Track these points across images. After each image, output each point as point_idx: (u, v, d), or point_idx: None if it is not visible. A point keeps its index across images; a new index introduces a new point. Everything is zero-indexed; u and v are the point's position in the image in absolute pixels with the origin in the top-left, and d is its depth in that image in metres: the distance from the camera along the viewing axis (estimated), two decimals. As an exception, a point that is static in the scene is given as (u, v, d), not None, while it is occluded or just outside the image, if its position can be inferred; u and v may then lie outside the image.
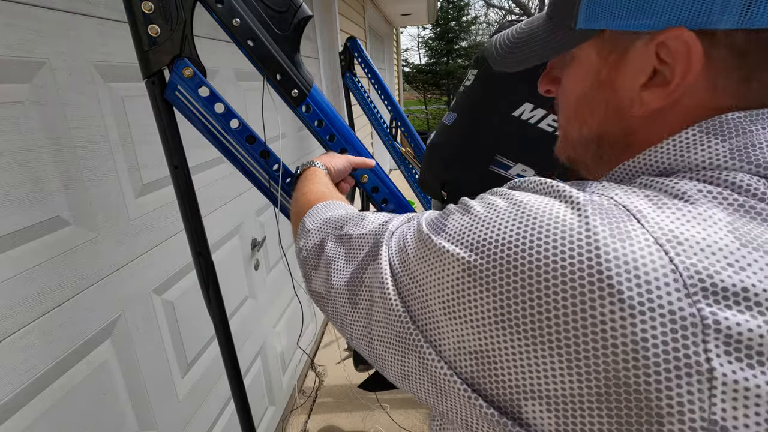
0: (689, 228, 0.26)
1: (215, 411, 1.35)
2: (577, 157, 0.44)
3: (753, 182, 0.29)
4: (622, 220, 0.27)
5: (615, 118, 0.38)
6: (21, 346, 0.72)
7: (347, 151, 0.84)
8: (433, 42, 16.26)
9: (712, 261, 0.24)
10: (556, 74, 0.44)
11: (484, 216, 0.32)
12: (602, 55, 0.37)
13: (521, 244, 0.28)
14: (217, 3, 0.67)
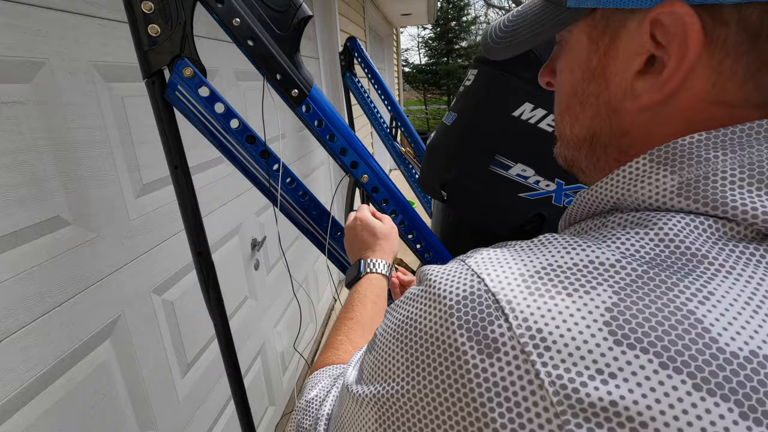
0: (562, 322, 0.23)
1: (215, 411, 1.35)
2: (573, 159, 0.39)
3: (684, 230, 0.25)
4: (489, 323, 0.24)
5: (607, 115, 0.33)
6: (21, 346, 0.72)
7: (347, 151, 0.84)
8: (433, 42, 16.27)
9: (580, 368, 0.21)
10: (555, 65, 0.39)
11: (378, 345, 0.31)
12: (593, 39, 0.32)
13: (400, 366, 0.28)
14: (217, 3, 0.67)
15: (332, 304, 3.05)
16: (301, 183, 0.84)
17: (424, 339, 0.27)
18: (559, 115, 0.39)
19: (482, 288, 0.26)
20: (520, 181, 1.14)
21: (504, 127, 1.12)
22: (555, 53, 0.40)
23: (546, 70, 0.41)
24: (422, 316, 0.28)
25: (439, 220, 1.48)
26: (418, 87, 17.01)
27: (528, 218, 1.18)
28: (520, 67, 1.10)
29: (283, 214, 0.85)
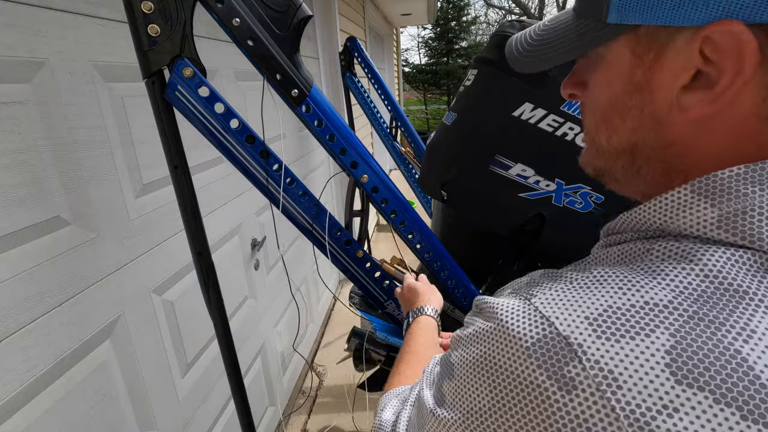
0: (629, 364, 0.26)
1: (215, 411, 1.35)
2: (606, 169, 0.40)
3: (726, 265, 0.27)
4: (565, 363, 0.28)
5: (651, 127, 0.34)
6: (21, 346, 0.72)
7: (347, 151, 0.84)
8: (433, 42, 16.26)
9: (649, 404, 0.25)
10: (582, 77, 0.40)
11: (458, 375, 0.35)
12: (637, 54, 0.33)
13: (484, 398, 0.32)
14: (217, 3, 0.67)
15: (332, 304, 3.05)
16: (300, 183, 0.84)
17: (506, 376, 0.31)
18: (593, 127, 0.39)
19: (554, 332, 0.29)
20: (520, 181, 1.14)
21: (504, 127, 1.12)
22: (580, 67, 0.41)
23: (570, 83, 0.42)
24: (502, 355, 0.31)
25: (439, 220, 1.48)
26: (418, 87, 17.01)
27: (528, 218, 1.18)
28: (520, 67, 1.10)
29: (283, 214, 0.85)
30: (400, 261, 1.12)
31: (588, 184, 1.16)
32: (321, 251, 0.90)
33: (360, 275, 0.96)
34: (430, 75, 16.31)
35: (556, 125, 1.10)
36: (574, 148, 1.11)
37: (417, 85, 16.92)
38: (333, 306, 3.04)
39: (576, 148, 1.11)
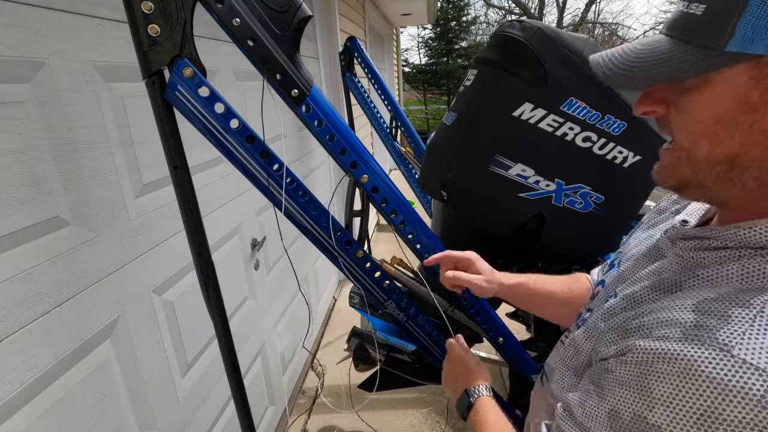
0: None
1: (215, 411, 1.35)
2: (695, 178, 0.44)
3: None
4: None
5: (761, 142, 0.38)
6: (21, 346, 0.72)
7: (347, 151, 0.84)
8: (433, 42, 16.26)
9: None
10: (663, 96, 0.44)
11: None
12: (756, 78, 0.36)
13: None
14: (217, 3, 0.67)
15: (332, 304, 3.05)
16: (301, 183, 0.84)
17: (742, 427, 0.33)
18: (688, 140, 0.43)
19: None
20: (520, 181, 1.14)
21: (504, 127, 1.12)
22: (661, 86, 0.45)
23: (649, 101, 0.46)
24: (731, 409, 0.34)
25: (439, 220, 1.48)
26: (418, 87, 17.00)
27: (528, 218, 1.18)
28: (521, 68, 1.10)
29: (283, 214, 0.85)
30: (400, 261, 1.12)
31: (588, 184, 1.16)
32: (321, 251, 0.90)
33: (360, 275, 0.96)
34: (430, 75, 16.31)
35: (556, 125, 1.10)
36: (574, 148, 1.12)
37: (417, 85, 16.92)
38: (333, 306, 3.04)
39: (576, 148, 1.11)
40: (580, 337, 0.57)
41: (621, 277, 0.61)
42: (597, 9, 32.66)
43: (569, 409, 0.50)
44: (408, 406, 2.09)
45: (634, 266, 0.59)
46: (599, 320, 0.55)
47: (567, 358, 0.60)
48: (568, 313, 0.86)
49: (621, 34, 22.31)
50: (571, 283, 0.88)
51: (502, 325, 1.19)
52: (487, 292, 0.89)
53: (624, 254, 0.67)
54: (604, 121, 1.10)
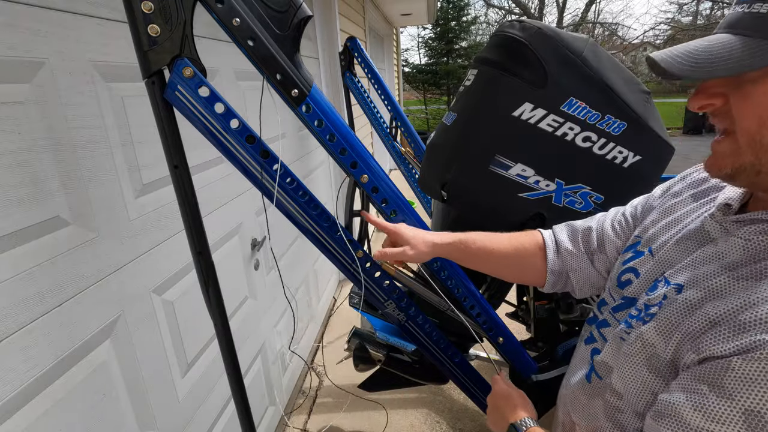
0: None
1: (215, 411, 1.35)
2: (756, 163, 0.48)
3: None
4: None
5: None
6: (21, 346, 0.72)
7: (347, 151, 0.84)
8: (433, 42, 16.25)
9: None
10: (720, 90, 0.49)
11: None
12: None
13: None
14: (217, 3, 0.67)
15: (332, 304, 3.05)
16: (301, 183, 0.84)
17: None
18: (754, 127, 0.47)
19: None
20: (520, 181, 1.14)
21: (504, 126, 1.12)
22: (717, 81, 0.49)
23: (706, 95, 0.50)
24: None
25: (439, 220, 1.48)
26: (418, 87, 16.99)
27: (528, 218, 1.18)
28: (521, 68, 1.10)
29: (283, 214, 0.85)
30: (400, 261, 1.12)
31: (588, 184, 1.16)
32: (321, 251, 0.90)
33: (360, 275, 0.95)
34: (430, 75, 16.30)
35: (556, 125, 1.10)
36: (574, 148, 1.11)
37: (417, 85, 16.91)
38: (333, 306, 3.04)
39: (576, 148, 1.11)
40: (651, 333, 0.56)
41: (664, 263, 0.62)
42: (597, 9, 32.58)
43: (673, 413, 0.49)
44: (408, 406, 2.09)
45: (679, 251, 0.60)
46: (676, 314, 0.54)
47: (632, 355, 0.59)
48: (516, 270, 0.89)
49: (621, 34, 22.28)
50: (521, 238, 0.87)
51: (502, 325, 1.19)
52: (422, 257, 0.88)
53: (649, 240, 0.68)
54: (604, 121, 1.10)
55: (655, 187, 0.79)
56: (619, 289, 0.70)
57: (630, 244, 0.73)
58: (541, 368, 1.33)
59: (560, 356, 1.38)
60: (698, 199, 0.65)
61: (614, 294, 0.72)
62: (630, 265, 0.69)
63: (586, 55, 1.08)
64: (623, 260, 0.72)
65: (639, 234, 0.72)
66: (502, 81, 1.12)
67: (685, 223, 0.64)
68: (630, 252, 0.71)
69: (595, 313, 0.77)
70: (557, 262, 0.84)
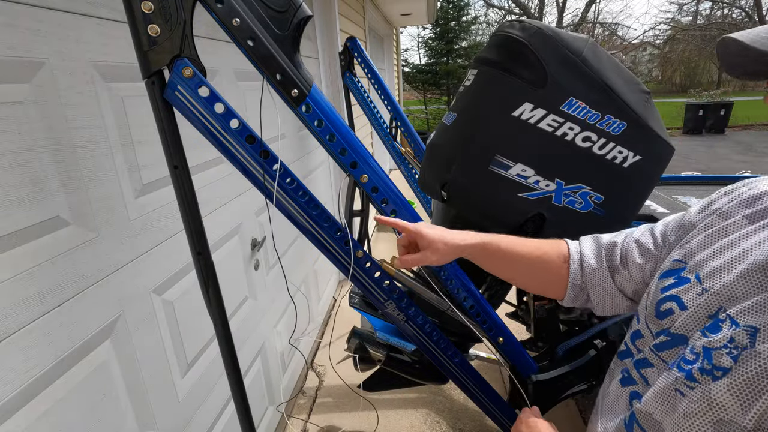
0: None
1: (215, 411, 1.35)
2: None
3: None
4: None
5: None
6: (21, 346, 0.72)
7: (347, 151, 0.84)
8: (433, 42, 16.25)
9: None
10: None
11: None
12: None
13: None
14: (217, 3, 0.67)
15: (332, 304, 3.05)
16: (301, 183, 0.84)
17: None
18: None
19: None
20: (520, 181, 1.14)
21: (504, 127, 1.12)
22: None
23: None
24: None
25: (439, 220, 1.48)
26: (418, 87, 16.99)
27: (528, 218, 1.18)
28: (521, 68, 1.10)
29: (283, 214, 0.85)
30: (400, 261, 1.12)
31: (588, 184, 1.16)
32: (321, 251, 0.90)
33: (360, 275, 0.96)
34: (430, 75, 16.30)
35: (556, 125, 1.10)
36: (574, 148, 1.12)
37: (417, 85, 16.91)
38: (333, 306, 3.04)
39: (576, 148, 1.11)
40: (724, 394, 0.48)
41: (723, 297, 0.54)
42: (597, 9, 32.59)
43: None
44: (408, 406, 2.09)
45: (746, 285, 0.52)
46: (760, 376, 0.46)
47: (694, 416, 0.51)
48: (538, 280, 0.84)
49: (621, 34, 22.27)
50: (546, 246, 0.83)
51: (502, 325, 1.19)
52: (444, 261, 0.83)
53: (697, 265, 0.60)
54: (603, 121, 1.10)
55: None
56: (658, 320, 0.61)
57: (671, 269, 0.63)
58: (541, 368, 1.33)
59: (560, 356, 1.38)
60: (755, 221, 0.57)
61: (652, 325, 0.63)
62: (672, 292, 0.60)
63: (586, 55, 1.08)
64: (662, 286, 0.63)
65: (682, 258, 0.63)
66: (502, 81, 1.12)
67: (743, 248, 0.55)
68: (671, 278, 0.62)
69: (629, 347, 0.68)
70: (578, 276, 0.79)
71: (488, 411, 1.26)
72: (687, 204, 1.92)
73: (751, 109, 14.11)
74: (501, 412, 1.26)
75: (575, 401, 2.09)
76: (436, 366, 1.16)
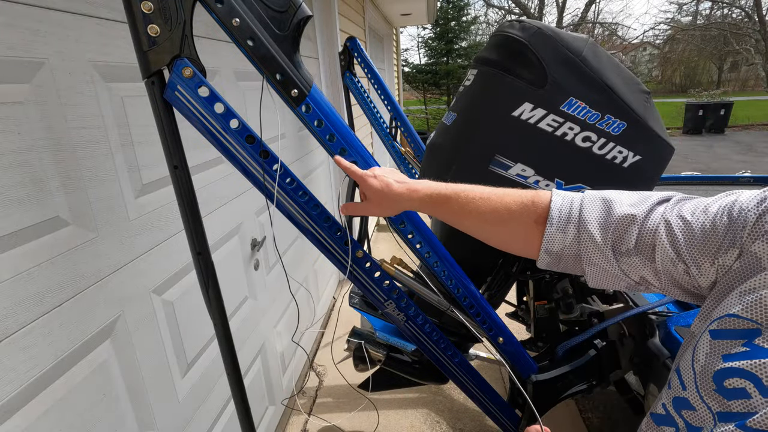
0: None
1: (215, 411, 1.35)
2: None
3: None
4: None
5: None
6: (21, 346, 0.72)
7: (347, 150, 0.84)
8: (433, 42, 16.25)
9: None
10: None
11: None
12: None
13: None
14: (217, 3, 0.67)
15: (332, 304, 3.05)
16: (301, 183, 0.84)
17: None
18: None
19: None
20: (519, 181, 1.14)
21: (504, 127, 1.13)
22: None
23: None
24: None
25: (439, 220, 1.48)
26: (418, 87, 16.99)
27: (528, 218, 1.18)
28: (520, 68, 1.10)
29: (283, 214, 0.85)
30: (400, 261, 1.12)
31: (587, 184, 1.16)
32: (321, 251, 0.90)
33: (360, 275, 0.96)
34: (429, 75, 16.29)
35: (556, 125, 1.10)
36: (573, 148, 1.12)
37: (417, 85, 16.91)
38: (333, 306, 3.04)
39: (576, 147, 1.11)
40: None
41: None
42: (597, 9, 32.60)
43: None
44: (408, 406, 2.09)
45: None
46: None
47: None
48: (501, 240, 0.73)
49: (621, 34, 22.29)
50: (511, 200, 0.68)
51: (502, 325, 1.19)
52: (386, 213, 0.78)
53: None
54: (603, 121, 1.10)
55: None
56: (722, 399, 0.46)
57: (733, 329, 0.47)
58: (541, 368, 1.33)
59: (560, 356, 1.38)
60: None
61: (710, 400, 0.48)
62: (743, 366, 0.45)
63: (586, 55, 1.08)
64: (725, 353, 0.47)
65: (753, 318, 0.46)
66: (501, 81, 1.12)
67: None
68: (738, 343, 0.46)
69: (669, 414, 0.54)
70: (557, 243, 0.64)
71: (488, 411, 1.26)
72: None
73: (751, 109, 14.12)
74: (501, 412, 1.26)
75: (575, 401, 2.09)
76: (436, 366, 1.16)
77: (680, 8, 21.91)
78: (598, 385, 1.37)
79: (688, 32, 20.52)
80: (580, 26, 20.50)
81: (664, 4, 38.24)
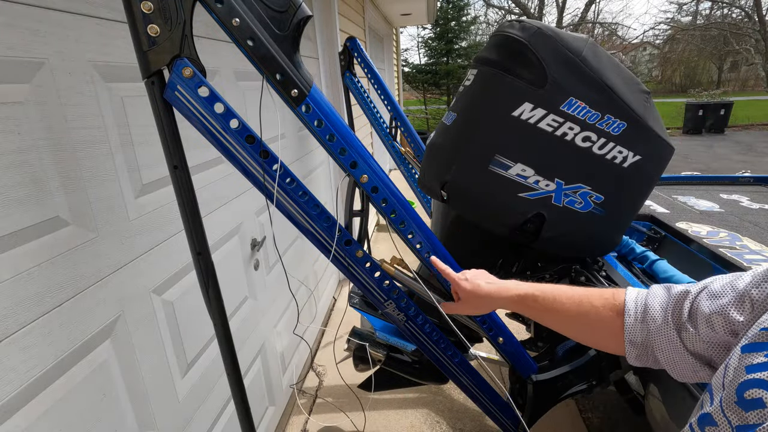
0: None
1: (215, 411, 1.35)
2: None
3: None
4: None
5: None
6: (21, 346, 0.72)
7: (347, 151, 0.84)
8: (433, 42, 16.25)
9: None
10: None
11: None
12: None
13: None
14: (217, 3, 0.67)
15: (332, 304, 3.05)
16: (300, 183, 0.84)
17: None
18: None
19: None
20: (519, 181, 1.14)
21: (504, 127, 1.13)
22: None
23: None
24: None
25: (439, 220, 1.48)
26: (418, 87, 17.00)
27: (528, 218, 1.18)
28: (520, 68, 1.10)
29: (282, 214, 0.85)
30: (400, 261, 1.12)
31: (587, 184, 1.16)
32: (321, 251, 0.90)
33: (360, 275, 0.96)
34: (429, 75, 16.30)
35: (556, 125, 1.10)
36: (573, 148, 1.12)
37: (417, 85, 16.91)
38: (333, 306, 3.04)
39: (576, 147, 1.11)
40: None
41: None
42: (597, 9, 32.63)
43: None
44: (408, 406, 2.09)
45: None
46: None
47: None
48: (587, 336, 0.76)
49: (621, 34, 22.31)
50: (594, 296, 0.73)
51: (502, 325, 1.19)
52: (479, 312, 0.88)
53: None
54: (603, 121, 1.10)
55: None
56: (741, 411, 0.46)
57: (759, 341, 0.48)
58: (541, 368, 1.33)
59: (560, 356, 1.38)
60: None
61: (731, 414, 0.47)
62: (763, 376, 0.45)
63: (586, 55, 1.08)
64: (748, 364, 0.47)
65: None
66: (501, 81, 1.12)
67: None
68: (761, 354, 0.47)
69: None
70: (637, 333, 0.65)
71: (488, 411, 1.26)
72: (687, 204, 1.92)
73: (751, 109, 14.12)
74: (501, 412, 1.26)
75: (575, 401, 2.09)
76: (436, 366, 1.16)
77: (680, 8, 21.92)
78: (598, 385, 1.37)
79: (688, 32, 20.52)
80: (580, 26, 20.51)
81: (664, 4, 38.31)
